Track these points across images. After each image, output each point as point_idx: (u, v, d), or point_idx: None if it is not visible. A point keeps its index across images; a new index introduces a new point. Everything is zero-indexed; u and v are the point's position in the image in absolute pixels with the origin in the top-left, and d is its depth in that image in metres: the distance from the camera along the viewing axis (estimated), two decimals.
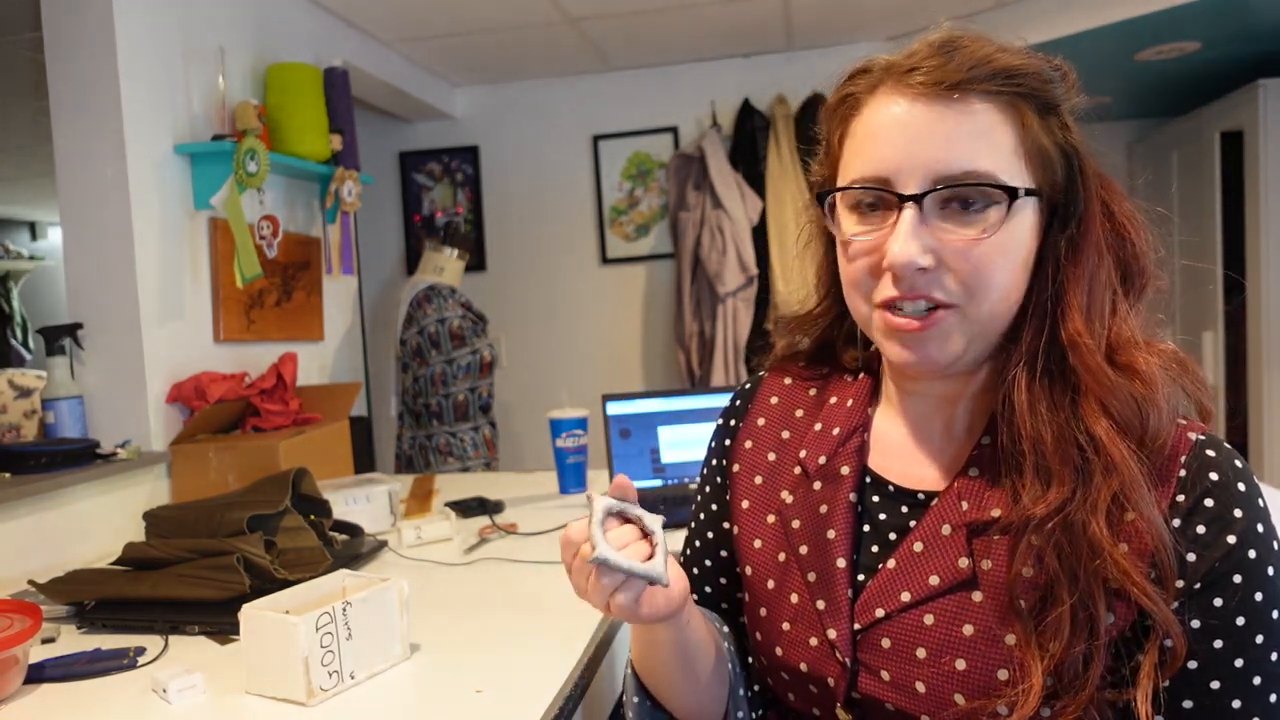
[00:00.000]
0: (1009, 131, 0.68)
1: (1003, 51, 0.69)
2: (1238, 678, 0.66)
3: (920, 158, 0.67)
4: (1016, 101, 0.68)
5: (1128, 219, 0.73)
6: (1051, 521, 0.67)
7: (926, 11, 3.30)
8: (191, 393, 2.08)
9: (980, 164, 0.67)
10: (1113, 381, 0.68)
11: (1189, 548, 0.66)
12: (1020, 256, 0.70)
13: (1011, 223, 0.68)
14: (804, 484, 0.83)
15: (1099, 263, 0.71)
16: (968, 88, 0.67)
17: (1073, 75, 0.73)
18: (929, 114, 0.67)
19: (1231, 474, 0.68)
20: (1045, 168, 0.70)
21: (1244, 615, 0.66)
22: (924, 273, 0.68)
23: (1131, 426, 0.67)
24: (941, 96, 0.67)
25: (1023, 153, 0.68)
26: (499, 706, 1.03)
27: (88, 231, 2.02)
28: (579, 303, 4.06)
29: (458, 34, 3.28)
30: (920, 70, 0.68)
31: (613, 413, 2.05)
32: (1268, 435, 3.48)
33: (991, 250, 0.68)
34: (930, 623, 0.72)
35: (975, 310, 0.69)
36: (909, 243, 0.67)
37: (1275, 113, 3.30)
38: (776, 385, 0.92)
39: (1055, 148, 0.70)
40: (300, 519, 1.55)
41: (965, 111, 0.67)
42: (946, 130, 0.67)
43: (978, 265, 0.68)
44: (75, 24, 1.99)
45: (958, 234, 0.68)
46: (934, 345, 0.71)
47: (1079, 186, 0.71)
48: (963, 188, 0.67)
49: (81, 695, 1.11)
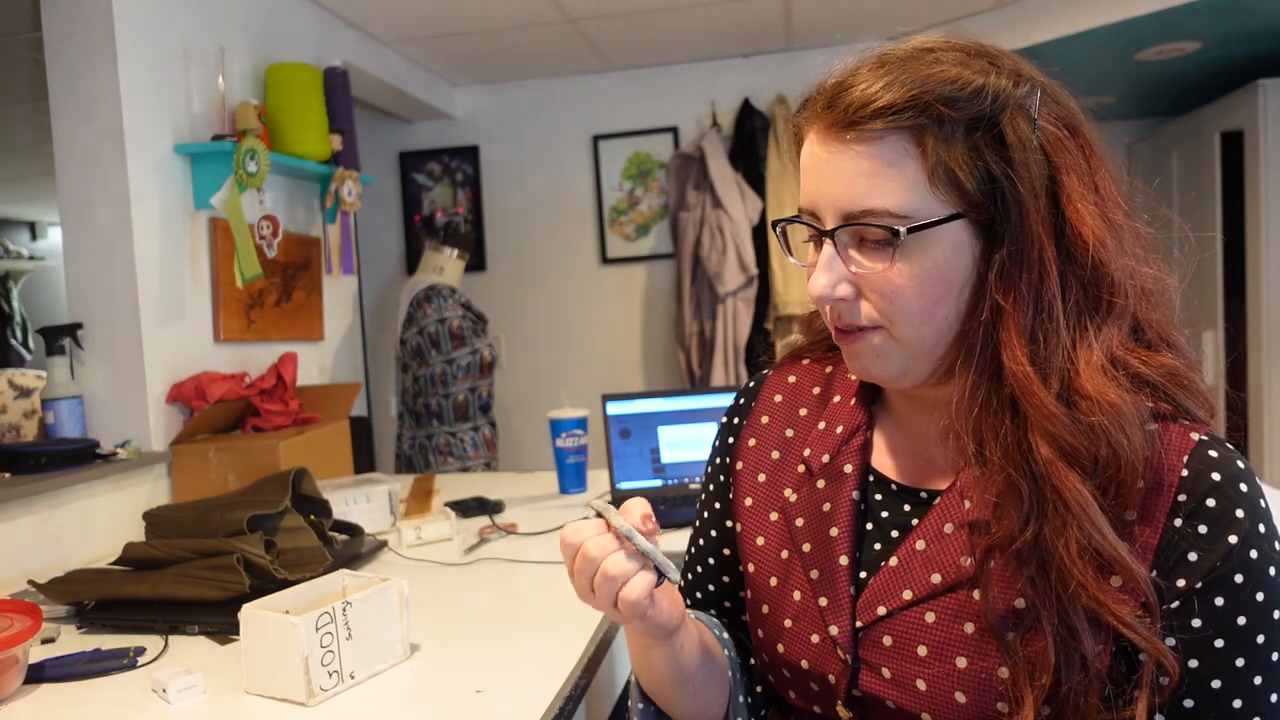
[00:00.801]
0: (910, 163, 0.67)
1: (895, 85, 0.67)
2: (1239, 678, 0.66)
3: (828, 196, 0.70)
4: (919, 130, 0.67)
5: (1087, 230, 0.68)
6: (1013, 549, 0.67)
7: (926, 11, 3.30)
8: (191, 393, 2.08)
9: (873, 202, 0.68)
10: (1052, 410, 0.66)
11: (1190, 547, 0.66)
12: (945, 282, 0.69)
13: (926, 253, 0.68)
14: (808, 482, 0.83)
15: (1042, 280, 0.67)
16: (859, 128, 0.68)
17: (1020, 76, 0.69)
18: (828, 153, 0.70)
19: (1234, 474, 0.68)
20: (959, 190, 0.67)
21: (1245, 615, 0.65)
22: (844, 301, 0.71)
23: (1081, 455, 0.66)
24: (837, 137, 0.69)
25: (927, 181, 0.67)
26: (499, 706, 1.03)
27: (88, 231, 2.02)
28: (579, 303, 4.06)
29: (458, 34, 3.28)
30: (818, 112, 0.71)
31: (613, 413, 2.05)
32: (1268, 435, 3.48)
33: (901, 280, 0.69)
34: (931, 620, 0.72)
35: (900, 333, 0.71)
36: (824, 275, 0.71)
37: (1275, 113, 3.30)
38: (781, 383, 0.92)
39: (974, 167, 0.67)
40: (300, 519, 1.55)
41: (860, 152, 0.68)
42: (845, 170, 0.69)
43: (890, 295, 0.70)
44: (75, 24, 1.99)
45: (868, 267, 0.70)
46: (867, 361, 0.74)
47: (1010, 204, 0.67)
48: (861, 225, 0.69)
49: (81, 695, 1.11)
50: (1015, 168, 0.67)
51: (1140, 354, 0.70)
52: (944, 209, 0.67)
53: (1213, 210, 3.62)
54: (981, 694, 0.69)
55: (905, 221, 0.67)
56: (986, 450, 0.69)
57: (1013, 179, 0.67)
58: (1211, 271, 3.67)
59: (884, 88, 0.67)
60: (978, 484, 0.72)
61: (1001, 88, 0.68)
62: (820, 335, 0.91)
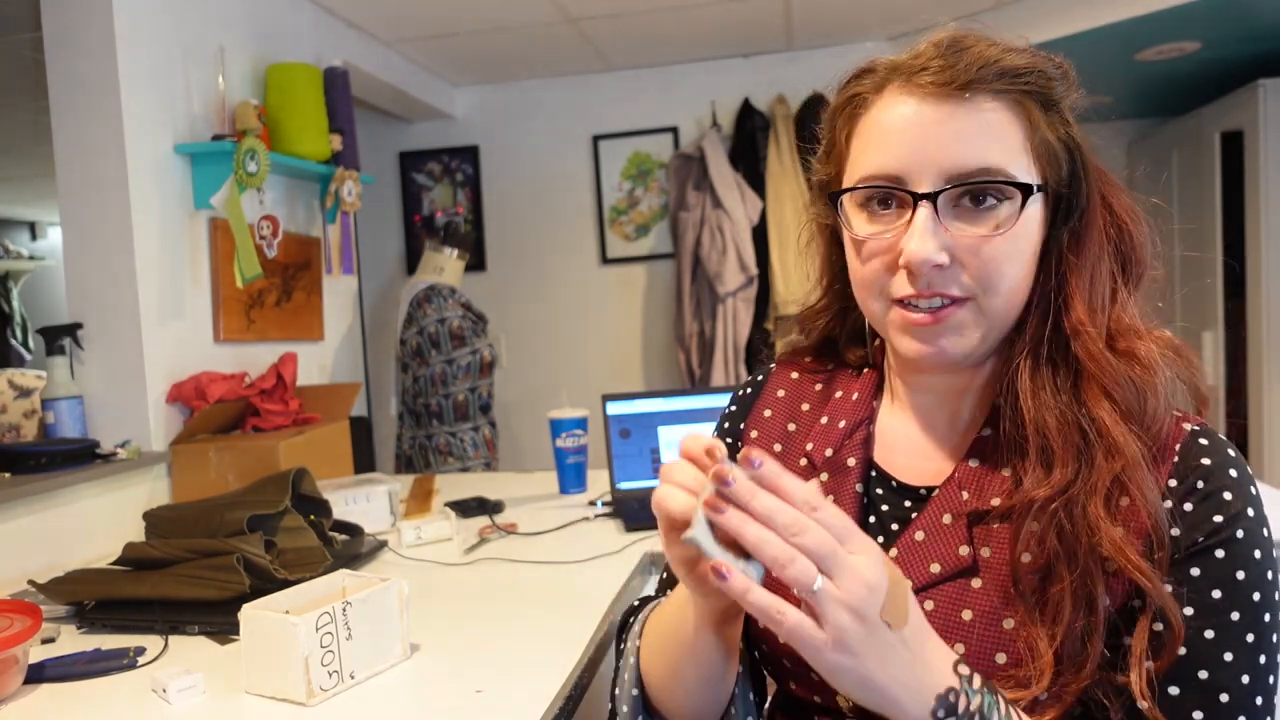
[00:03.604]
0: (1017, 129, 0.70)
1: (1008, 51, 0.71)
2: (1207, 649, 0.66)
3: (933, 156, 0.68)
4: (1023, 99, 0.70)
5: (1126, 211, 0.75)
6: (1054, 503, 0.69)
7: (927, 11, 3.30)
8: (191, 393, 2.08)
9: (993, 160, 0.68)
10: (1114, 367, 0.70)
11: (1176, 524, 0.68)
12: (1029, 250, 0.72)
13: (1025, 217, 0.70)
14: (810, 475, 0.84)
15: (1100, 253, 0.73)
16: (977, 87, 0.68)
17: (1072, 72, 0.75)
18: (939, 113, 0.69)
19: (1224, 460, 0.70)
20: (1051, 163, 0.72)
21: (1221, 590, 0.67)
22: (939, 269, 0.69)
23: (1132, 410, 0.70)
24: (952, 96, 0.68)
25: (1030, 149, 0.70)
26: (499, 706, 1.03)
27: (88, 231, 2.02)
28: (579, 303, 4.06)
29: (458, 34, 3.28)
30: (929, 70, 0.70)
31: (613, 413, 2.05)
32: (1268, 435, 3.48)
33: (1003, 246, 0.69)
34: (930, 608, 0.73)
35: (989, 304, 0.71)
36: (925, 240, 0.68)
37: (1275, 113, 3.30)
38: (783, 379, 0.93)
39: (1059, 143, 0.72)
40: (300, 519, 1.55)
41: (975, 110, 0.68)
42: (957, 128, 0.68)
43: (990, 261, 0.69)
44: (75, 24, 1.99)
45: (970, 231, 0.69)
46: (948, 339, 0.72)
47: (1082, 180, 0.73)
48: (976, 184, 0.68)
49: (81, 695, 1.11)
50: (1084, 147, 0.73)
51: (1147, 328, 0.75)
52: (1035, 178, 0.71)
53: (1213, 210, 3.62)
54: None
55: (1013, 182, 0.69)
56: (1041, 407, 0.71)
57: (1085, 156, 0.73)
58: (1211, 271, 3.67)
59: (1004, 50, 0.71)
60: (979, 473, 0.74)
61: (1067, 80, 0.74)
62: (820, 336, 0.91)
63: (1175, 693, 0.67)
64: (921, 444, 0.80)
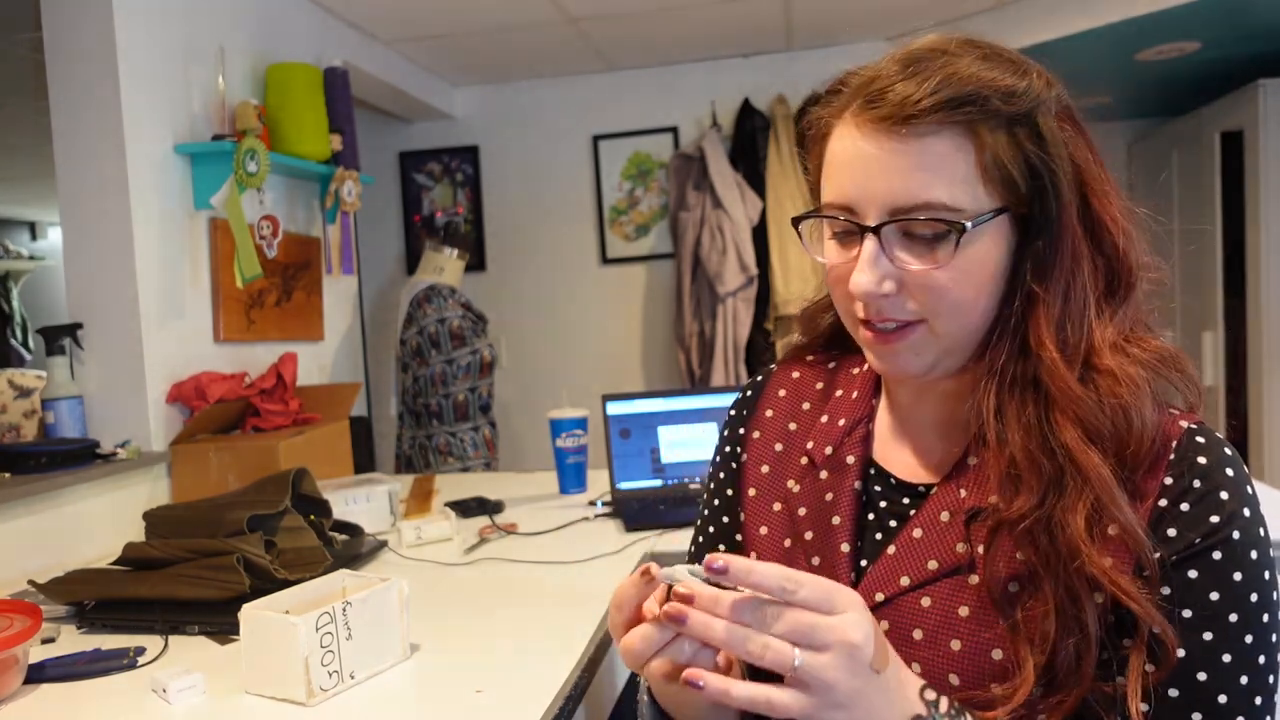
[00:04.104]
0: (962, 158, 0.69)
1: (955, 77, 0.69)
2: (1206, 651, 0.66)
3: (876, 191, 0.70)
4: (973, 125, 0.69)
5: (1112, 220, 0.72)
6: (1024, 524, 0.69)
7: (926, 11, 3.30)
8: (191, 393, 2.08)
9: (931, 195, 0.68)
10: (1079, 394, 0.69)
11: (1172, 524, 0.68)
12: (984, 275, 0.71)
13: (970, 248, 0.70)
14: (810, 473, 0.85)
15: (1074, 270, 0.71)
16: (916, 122, 0.68)
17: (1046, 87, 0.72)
18: (880, 149, 0.70)
19: (1221, 460, 0.70)
20: (1007, 185, 0.70)
21: (1219, 591, 0.67)
22: (886, 298, 0.71)
23: (1104, 434, 0.69)
24: (892, 132, 0.69)
25: (979, 176, 0.69)
26: (499, 706, 1.03)
27: (88, 231, 2.02)
28: (579, 303, 4.06)
29: (458, 34, 3.28)
30: (876, 103, 0.70)
31: (613, 413, 2.05)
32: (1268, 435, 3.48)
33: (948, 274, 0.70)
34: (927, 605, 0.74)
35: (941, 327, 0.72)
36: (865, 273, 0.70)
37: (1275, 113, 3.30)
38: (785, 379, 0.94)
39: (1020, 162, 0.70)
40: (300, 519, 1.55)
41: (916, 143, 0.69)
42: (898, 164, 0.69)
43: (935, 290, 0.70)
44: (75, 24, 1.99)
45: (914, 264, 0.70)
46: (903, 357, 0.74)
47: (1051, 199, 0.70)
48: (913, 221, 0.69)
49: (81, 695, 1.11)
50: (1053, 162, 0.70)
51: (1138, 338, 0.73)
52: (991, 203, 0.70)
53: (1213, 210, 3.62)
54: (975, 676, 0.71)
55: (959, 215, 0.68)
56: (1008, 430, 0.71)
57: (1053, 171, 0.70)
58: (1211, 271, 3.67)
59: (938, 84, 0.68)
60: (977, 470, 0.74)
61: (1038, 87, 0.71)
62: (821, 334, 0.92)
63: (1174, 694, 0.67)
64: (920, 442, 0.81)
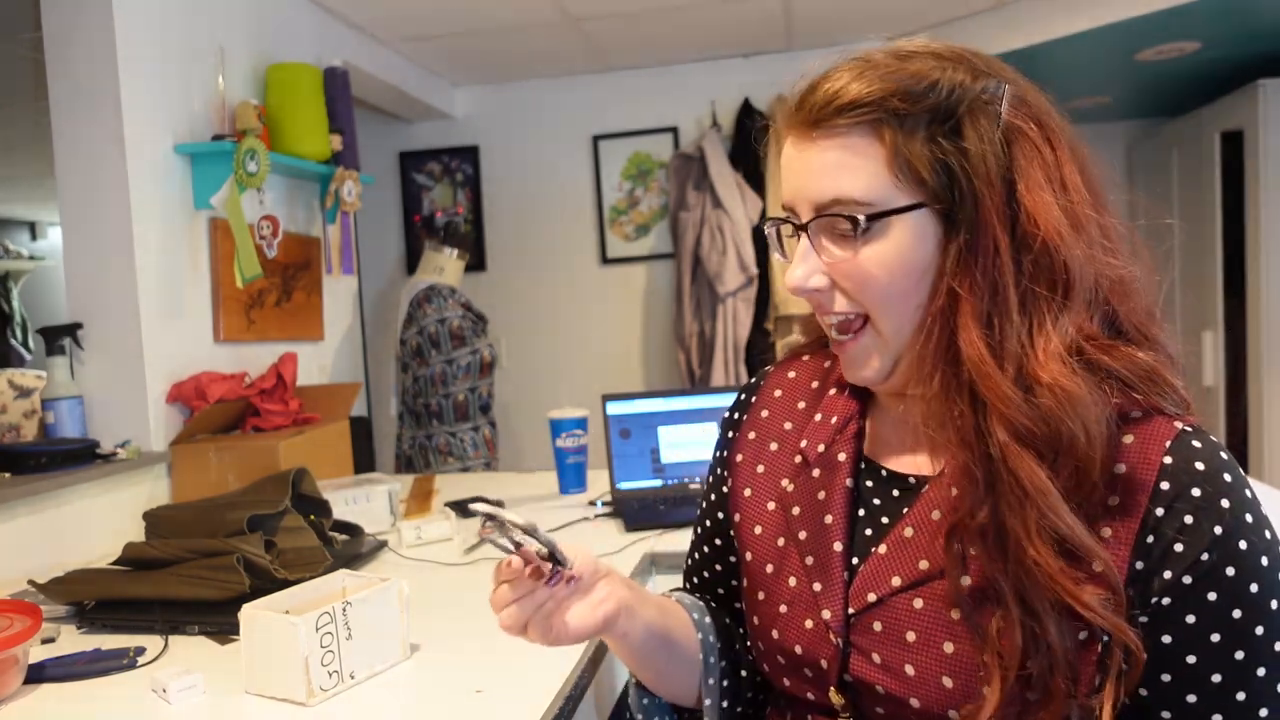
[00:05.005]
0: (872, 155, 0.71)
1: (858, 81, 0.71)
2: (1239, 671, 0.66)
3: (802, 190, 0.74)
4: (877, 125, 0.71)
5: (1043, 218, 0.69)
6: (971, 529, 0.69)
7: (926, 11, 3.30)
8: (191, 393, 2.08)
9: (843, 190, 0.71)
10: (1007, 394, 0.67)
11: (1176, 538, 0.67)
12: (908, 268, 0.72)
13: (884, 240, 0.71)
14: (804, 471, 0.85)
15: (998, 269, 0.69)
16: (824, 124, 0.72)
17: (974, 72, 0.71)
18: (801, 151, 0.74)
19: (1218, 464, 0.68)
20: (920, 181, 0.70)
21: (1240, 608, 0.66)
22: (821, 292, 0.75)
23: (1039, 441, 0.67)
24: (810, 134, 0.73)
25: (891, 172, 0.71)
26: (499, 706, 1.03)
27: (88, 231, 2.02)
28: (579, 303, 4.06)
29: (458, 34, 3.28)
30: (798, 110, 0.74)
31: (613, 413, 2.05)
32: (1268, 435, 3.48)
33: (868, 266, 0.72)
34: (920, 606, 0.73)
35: (881, 324, 0.74)
36: (799, 267, 0.75)
37: (1275, 113, 3.30)
38: (781, 379, 0.95)
39: (931, 160, 0.70)
40: (300, 519, 1.55)
41: (828, 143, 0.72)
42: (815, 164, 0.73)
43: (859, 281, 0.73)
44: (75, 24, 1.99)
45: (838, 256, 0.73)
46: (856, 370, 0.78)
47: (964, 194, 0.70)
48: (828, 216, 0.73)
49: (81, 695, 1.12)
50: (970, 159, 0.70)
51: (1105, 345, 0.71)
52: (906, 199, 0.71)
53: (1213, 210, 3.62)
54: (968, 678, 0.70)
55: (869, 209, 0.71)
56: (944, 433, 0.72)
57: (967, 170, 0.70)
58: (1211, 271, 3.67)
59: (845, 85, 0.71)
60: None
61: (958, 82, 0.71)
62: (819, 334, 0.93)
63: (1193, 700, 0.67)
64: (909, 436, 0.81)
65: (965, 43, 0.77)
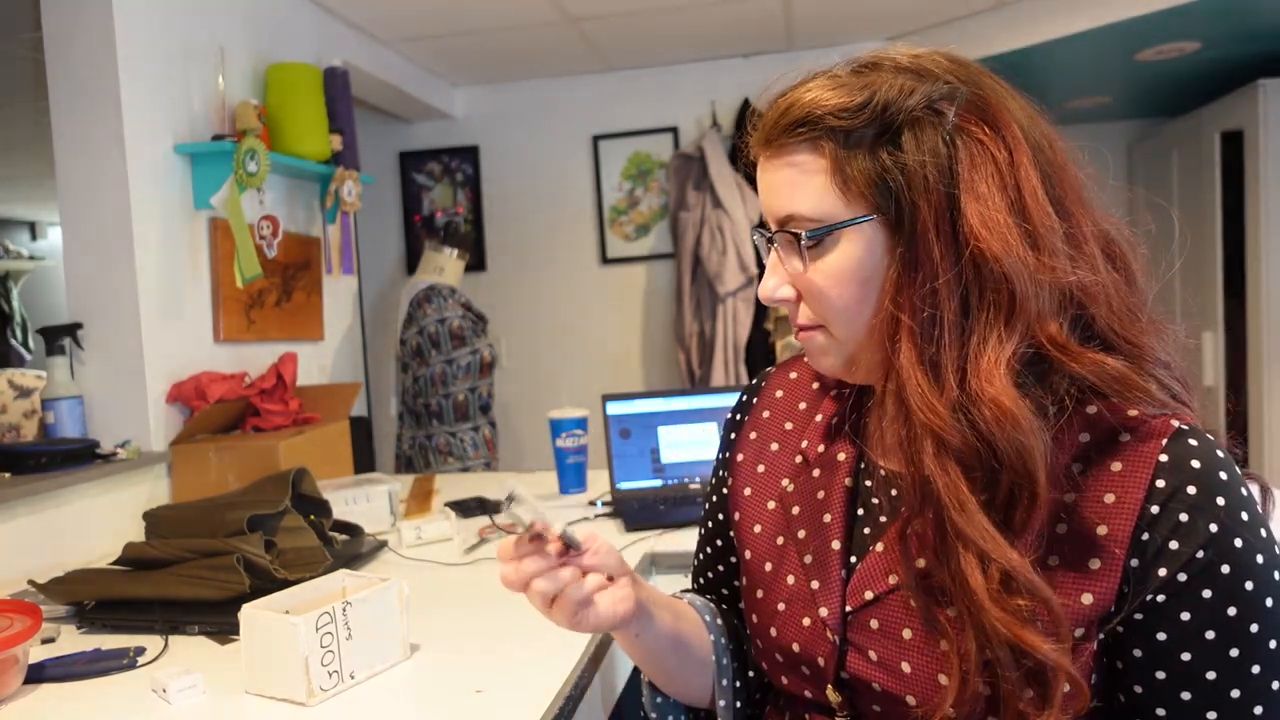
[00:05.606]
0: (817, 171, 0.73)
1: (798, 99, 0.73)
2: (1235, 669, 0.66)
3: (767, 207, 0.78)
4: (816, 142, 0.72)
5: (986, 230, 0.67)
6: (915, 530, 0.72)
7: (926, 11, 3.30)
8: (191, 393, 2.08)
9: (794, 207, 0.74)
10: (933, 407, 0.68)
11: (1171, 535, 0.66)
12: (858, 279, 0.73)
13: (833, 253, 0.73)
14: (804, 471, 0.86)
15: (935, 281, 0.69)
16: (775, 144, 0.75)
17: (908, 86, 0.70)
18: (761, 170, 0.78)
19: (1213, 463, 0.68)
20: (862, 195, 0.71)
21: (1235, 606, 0.66)
22: (787, 303, 0.78)
23: (968, 456, 0.67)
24: (764, 152, 0.77)
25: (837, 187, 0.72)
26: (499, 706, 1.03)
27: (88, 231, 2.02)
28: (579, 303, 4.06)
29: (458, 34, 3.28)
30: (756, 129, 0.78)
31: (613, 413, 2.05)
32: (1268, 435, 3.48)
33: (821, 280, 0.74)
34: (916, 606, 0.74)
35: (836, 331, 0.76)
36: (767, 279, 0.79)
37: (1275, 113, 3.30)
38: (783, 380, 0.96)
39: (870, 173, 0.71)
40: (300, 519, 1.55)
41: (781, 161, 0.75)
42: (771, 181, 0.76)
43: (815, 295, 0.75)
44: (75, 24, 1.99)
45: (796, 269, 0.76)
46: (817, 357, 0.80)
47: (903, 206, 0.70)
48: (783, 232, 0.75)
49: (81, 695, 1.11)
50: (907, 172, 0.70)
51: (1074, 352, 0.69)
52: (854, 213, 0.72)
53: (1213, 210, 3.62)
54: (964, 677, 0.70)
55: (816, 225, 0.73)
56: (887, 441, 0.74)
57: (903, 183, 0.70)
58: (1211, 271, 3.67)
59: (791, 104, 0.74)
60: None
61: (899, 92, 0.70)
62: None
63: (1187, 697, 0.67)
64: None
65: (965, 43, 0.77)
